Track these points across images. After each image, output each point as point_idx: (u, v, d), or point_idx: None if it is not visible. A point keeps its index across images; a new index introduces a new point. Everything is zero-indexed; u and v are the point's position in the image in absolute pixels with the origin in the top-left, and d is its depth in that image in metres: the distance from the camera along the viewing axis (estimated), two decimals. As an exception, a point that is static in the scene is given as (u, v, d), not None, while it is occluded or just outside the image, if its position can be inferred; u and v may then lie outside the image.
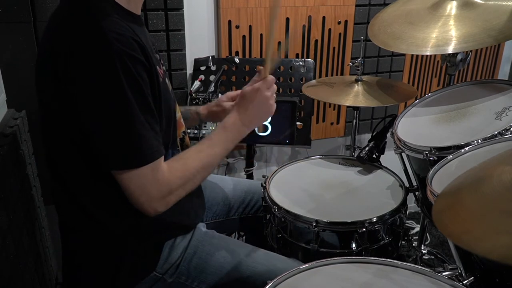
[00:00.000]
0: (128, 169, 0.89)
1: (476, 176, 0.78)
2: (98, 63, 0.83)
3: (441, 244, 2.17)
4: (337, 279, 0.87)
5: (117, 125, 0.87)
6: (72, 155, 0.94)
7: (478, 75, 2.35)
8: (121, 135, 0.87)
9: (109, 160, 0.90)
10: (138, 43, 0.88)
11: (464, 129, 1.27)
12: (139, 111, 0.87)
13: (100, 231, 1.00)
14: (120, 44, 0.83)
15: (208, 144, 1.04)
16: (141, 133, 0.88)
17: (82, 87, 0.85)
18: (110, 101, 0.85)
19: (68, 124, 0.91)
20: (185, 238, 1.09)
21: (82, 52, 0.84)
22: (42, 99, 0.96)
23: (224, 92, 1.73)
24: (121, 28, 0.86)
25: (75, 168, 0.96)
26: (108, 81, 0.84)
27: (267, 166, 2.11)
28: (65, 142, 0.94)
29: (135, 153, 0.88)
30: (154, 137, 0.91)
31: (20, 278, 1.09)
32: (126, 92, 0.85)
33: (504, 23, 1.28)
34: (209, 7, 1.78)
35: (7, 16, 1.43)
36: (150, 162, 0.90)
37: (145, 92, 0.88)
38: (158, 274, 1.05)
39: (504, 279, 0.83)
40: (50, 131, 0.97)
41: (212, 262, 1.07)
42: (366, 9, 1.97)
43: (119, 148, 0.88)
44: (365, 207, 1.26)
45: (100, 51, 0.83)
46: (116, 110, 0.86)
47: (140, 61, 0.87)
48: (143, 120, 0.88)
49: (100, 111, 0.86)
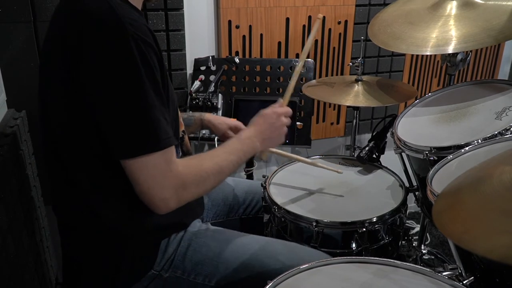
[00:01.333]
0: (142, 154, 0.86)
1: (476, 176, 0.78)
2: (115, 45, 0.83)
3: (441, 244, 2.17)
4: (337, 279, 0.87)
5: (132, 108, 0.85)
6: (80, 149, 0.93)
7: (478, 75, 2.35)
8: (136, 118, 0.86)
9: (123, 146, 0.88)
10: (149, 30, 0.88)
11: (464, 129, 1.27)
12: (154, 94, 0.86)
13: (101, 231, 1.00)
14: (134, 29, 0.83)
15: (223, 151, 1.05)
16: (157, 117, 0.87)
17: (97, 71, 0.84)
18: (126, 83, 0.84)
19: (77, 116, 0.90)
20: (179, 233, 1.09)
21: (97, 36, 0.83)
22: (47, 92, 0.95)
23: (224, 92, 1.75)
24: (133, 15, 0.86)
25: (83, 163, 0.94)
26: (124, 63, 0.83)
27: (267, 166, 2.11)
28: (73, 137, 0.92)
29: (150, 136, 0.87)
30: (166, 124, 0.90)
31: (20, 278, 1.09)
32: (142, 74, 0.84)
33: (504, 23, 1.28)
34: (209, 7, 1.78)
35: (7, 16, 1.43)
36: (165, 148, 0.88)
37: (157, 78, 0.88)
38: (155, 271, 1.05)
39: (504, 279, 0.83)
40: (56, 125, 0.95)
41: (207, 253, 1.06)
42: (366, 9, 1.97)
43: (134, 131, 0.87)
44: (365, 207, 1.26)
45: (116, 34, 0.82)
46: (132, 92, 0.85)
47: (152, 47, 0.87)
48: (158, 105, 0.88)
49: (116, 93, 0.85)
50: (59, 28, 0.89)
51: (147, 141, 0.87)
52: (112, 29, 0.83)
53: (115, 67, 0.84)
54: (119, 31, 0.82)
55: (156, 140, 0.87)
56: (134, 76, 0.84)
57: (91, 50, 0.83)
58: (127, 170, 0.89)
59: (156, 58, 0.89)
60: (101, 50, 0.83)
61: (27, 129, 1.45)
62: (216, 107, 1.71)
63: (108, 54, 0.83)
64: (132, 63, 0.83)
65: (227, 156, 1.03)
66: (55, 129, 0.96)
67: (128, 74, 0.84)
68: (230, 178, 1.50)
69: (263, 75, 1.78)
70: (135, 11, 0.93)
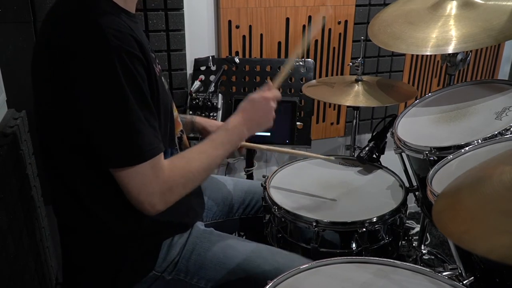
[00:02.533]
0: (127, 166, 0.88)
1: (476, 176, 0.78)
2: (96, 60, 0.83)
3: (441, 244, 2.17)
4: (337, 279, 0.87)
5: (115, 122, 0.87)
6: (73, 154, 0.94)
7: (478, 75, 2.35)
8: (119, 132, 0.87)
9: (108, 158, 0.90)
10: (135, 40, 0.88)
11: (464, 129, 1.27)
12: (137, 107, 0.87)
13: (101, 231, 1.00)
14: (118, 41, 0.84)
15: (210, 145, 1.04)
16: (140, 130, 0.88)
17: (80, 85, 0.85)
18: (108, 98, 0.85)
19: (66, 123, 0.91)
20: (183, 236, 1.09)
21: (79, 49, 0.84)
22: (39, 98, 0.96)
23: (224, 92, 1.74)
24: (118, 25, 0.86)
25: (77, 167, 0.95)
26: (106, 78, 0.84)
27: (267, 166, 2.12)
28: (65, 142, 0.93)
29: (134, 150, 0.88)
30: (153, 133, 0.91)
31: (20, 278, 1.09)
32: (124, 88, 0.84)
33: (504, 23, 1.28)
34: (209, 7, 1.78)
35: (7, 16, 1.43)
36: (149, 159, 0.89)
37: (143, 88, 0.88)
38: (157, 272, 1.05)
39: (504, 279, 0.83)
40: (49, 131, 0.97)
41: (210, 258, 1.07)
42: (366, 9, 1.97)
43: (118, 145, 0.88)
44: (365, 207, 1.26)
45: (98, 48, 0.83)
46: (114, 107, 0.86)
47: (138, 57, 0.87)
48: (142, 117, 0.88)
49: (98, 108, 0.86)
50: (46, 39, 0.90)
51: (131, 153, 0.88)
52: (95, 43, 0.83)
53: (98, 83, 0.85)
54: (102, 46, 0.83)
55: (139, 152, 0.88)
56: (116, 92, 0.85)
57: (74, 61, 0.84)
58: (116, 178, 0.91)
59: (143, 67, 0.89)
60: (83, 62, 0.84)
61: (27, 129, 1.45)
62: (216, 107, 1.71)
63: (90, 67, 0.84)
64: (114, 78, 0.84)
65: (214, 151, 1.03)
66: (48, 135, 0.97)
67: (110, 89, 0.85)
68: (230, 178, 1.50)
69: (263, 75, 1.78)
70: (125, 16, 0.93)
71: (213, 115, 1.71)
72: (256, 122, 1.11)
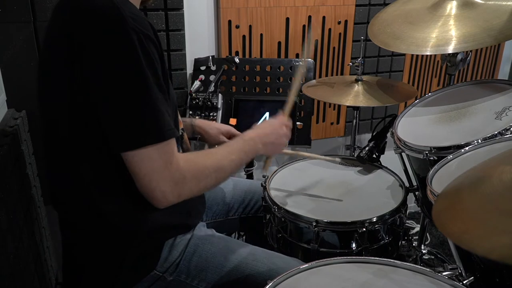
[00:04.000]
0: (145, 145, 0.86)
1: (476, 176, 0.78)
2: (117, 40, 0.83)
3: (441, 244, 2.17)
4: (337, 279, 0.87)
5: (135, 99, 0.86)
6: (83, 148, 0.93)
7: (478, 75, 2.35)
8: (139, 108, 0.86)
9: (125, 137, 0.87)
10: (151, 25, 0.89)
11: (464, 129, 1.27)
12: (156, 87, 0.87)
13: (104, 230, 1.00)
14: (135, 23, 0.84)
15: (225, 150, 1.05)
16: (160, 108, 0.87)
17: (100, 63, 0.84)
18: (129, 75, 0.85)
19: (79, 112, 0.90)
20: (185, 237, 1.09)
21: (100, 30, 0.83)
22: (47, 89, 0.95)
23: (224, 92, 1.74)
24: (134, 10, 0.87)
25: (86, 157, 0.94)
26: (128, 57, 0.84)
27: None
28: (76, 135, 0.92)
29: (153, 127, 0.87)
30: (169, 116, 0.90)
31: (20, 278, 1.09)
32: (144, 67, 0.84)
33: (504, 23, 1.28)
34: (209, 7, 1.78)
35: (7, 16, 1.43)
36: (167, 139, 0.88)
37: (158, 71, 0.88)
38: (158, 272, 1.05)
39: (504, 279, 0.83)
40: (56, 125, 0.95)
41: (212, 261, 1.07)
42: (366, 9, 1.97)
43: (137, 122, 0.86)
44: (365, 207, 1.26)
45: (118, 27, 0.83)
46: (135, 84, 0.85)
47: (153, 41, 0.88)
48: (160, 97, 0.88)
49: (119, 84, 0.85)
50: (63, 24, 0.89)
51: (150, 132, 0.87)
52: (114, 22, 0.83)
53: (118, 59, 0.84)
54: (121, 25, 0.83)
55: (158, 131, 0.87)
56: (136, 67, 0.85)
57: (94, 43, 0.84)
58: (128, 163, 0.89)
59: (157, 52, 0.90)
60: (104, 43, 0.84)
61: (27, 129, 1.45)
62: (216, 107, 1.71)
63: (111, 47, 0.84)
64: (134, 55, 0.84)
65: (228, 155, 1.03)
66: (56, 127, 0.96)
67: (130, 65, 0.84)
68: (230, 177, 1.50)
69: (263, 75, 1.78)
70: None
71: (213, 115, 1.71)
72: (271, 142, 1.14)
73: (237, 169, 1.08)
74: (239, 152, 1.06)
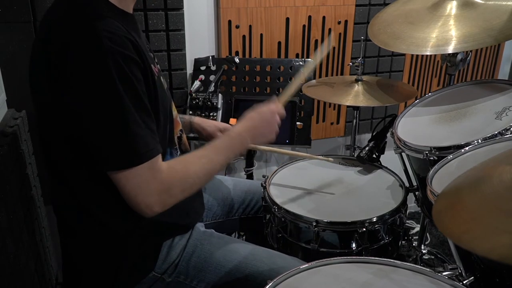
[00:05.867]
0: (123, 169, 0.88)
1: (476, 176, 0.78)
2: (91, 62, 0.83)
3: (441, 244, 2.17)
4: (337, 279, 0.87)
5: (110, 125, 0.86)
6: (72, 155, 0.94)
7: (478, 75, 2.35)
8: (115, 134, 0.87)
9: (104, 161, 0.89)
10: (131, 42, 0.88)
11: (464, 129, 1.27)
12: (133, 109, 0.87)
13: (100, 231, 1.00)
14: (112, 43, 0.83)
15: (211, 151, 1.03)
16: (136, 132, 0.87)
17: (75, 87, 0.85)
18: (103, 101, 0.85)
19: (64, 125, 0.91)
20: (183, 238, 1.09)
21: (74, 52, 0.83)
22: (36, 99, 0.96)
23: (224, 92, 1.74)
24: (114, 27, 0.86)
25: (76, 168, 0.95)
26: (101, 80, 0.84)
27: (267, 166, 2.12)
28: (64, 143, 0.93)
29: (130, 152, 0.88)
30: (150, 135, 0.90)
31: (20, 278, 1.09)
32: (119, 91, 0.84)
33: (504, 23, 1.28)
34: (209, 7, 1.78)
35: (7, 16, 1.43)
36: (146, 161, 0.89)
37: (139, 90, 0.88)
38: (157, 274, 1.05)
39: (504, 279, 0.83)
40: (48, 131, 0.97)
41: (211, 261, 1.07)
42: (366, 9, 1.97)
43: (114, 148, 0.88)
44: (365, 207, 1.26)
45: (92, 51, 0.83)
46: (109, 110, 0.85)
47: (133, 59, 0.87)
48: (138, 119, 0.88)
49: (94, 111, 0.86)
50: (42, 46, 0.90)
51: (127, 156, 0.88)
52: (89, 46, 0.83)
53: (93, 85, 0.84)
54: (97, 48, 0.83)
55: (136, 155, 0.88)
56: (111, 94, 0.84)
57: (69, 69, 0.84)
58: (113, 180, 0.90)
59: (139, 69, 0.89)
60: (78, 69, 0.84)
61: (27, 129, 1.45)
62: (216, 107, 1.71)
63: (85, 72, 0.84)
64: (109, 81, 0.84)
65: (215, 156, 1.02)
66: (47, 134, 0.97)
67: (105, 92, 0.85)
68: (230, 178, 1.50)
69: (263, 75, 1.78)
70: (121, 19, 0.92)
71: (213, 115, 1.71)
72: (260, 132, 1.11)
73: (224, 167, 1.08)
74: (226, 151, 1.05)
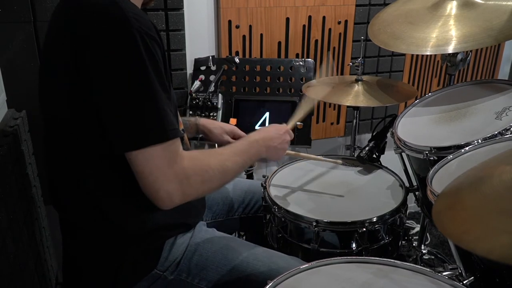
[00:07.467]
0: (149, 144, 0.86)
1: (476, 176, 0.78)
2: (121, 40, 0.83)
3: (441, 244, 2.17)
4: (337, 279, 0.87)
5: (139, 98, 0.85)
6: (85, 148, 0.93)
7: (478, 75, 2.35)
8: (143, 108, 0.86)
9: (129, 137, 0.86)
10: (153, 25, 0.89)
11: (464, 129, 1.27)
12: (160, 88, 0.87)
13: (106, 228, 1.00)
14: (138, 23, 0.84)
15: (229, 150, 1.05)
16: (163, 107, 0.87)
17: (103, 62, 0.84)
18: (133, 73, 0.84)
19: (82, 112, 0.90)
20: (185, 236, 1.09)
21: (103, 30, 0.83)
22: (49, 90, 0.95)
23: (224, 92, 1.74)
24: (137, 10, 0.87)
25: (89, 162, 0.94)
26: (131, 56, 0.84)
27: (267, 166, 2.11)
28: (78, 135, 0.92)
29: (157, 126, 0.86)
30: (172, 116, 0.90)
31: (20, 278, 1.09)
32: (147, 65, 0.85)
33: (504, 23, 1.28)
34: (209, 7, 1.78)
35: (7, 16, 1.43)
36: (171, 138, 0.88)
37: (162, 71, 0.88)
38: (159, 271, 1.05)
39: (504, 279, 0.83)
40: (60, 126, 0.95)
41: (213, 260, 1.07)
42: (366, 9, 1.97)
43: (141, 121, 0.86)
44: (365, 207, 1.26)
45: (121, 27, 0.83)
46: (138, 82, 0.85)
47: (157, 41, 0.88)
48: (164, 98, 0.88)
49: (122, 84, 0.85)
50: (65, 25, 0.89)
51: (154, 131, 0.87)
52: (118, 23, 0.83)
53: (122, 59, 0.84)
54: (124, 24, 0.83)
55: (162, 130, 0.87)
56: (140, 67, 0.84)
57: (98, 44, 0.84)
58: (132, 162, 0.88)
59: (161, 52, 0.90)
60: (108, 44, 0.84)
61: (27, 129, 1.45)
62: (216, 107, 1.71)
63: (115, 47, 0.84)
64: (137, 54, 0.84)
65: (232, 156, 1.03)
66: (58, 127, 0.96)
67: (134, 65, 0.84)
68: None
69: (263, 75, 1.78)
70: None
71: (213, 115, 1.71)
72: (274, 146, 1.16)
73: (241, 171, 1.08)
74: (243, 153, 1.06)
